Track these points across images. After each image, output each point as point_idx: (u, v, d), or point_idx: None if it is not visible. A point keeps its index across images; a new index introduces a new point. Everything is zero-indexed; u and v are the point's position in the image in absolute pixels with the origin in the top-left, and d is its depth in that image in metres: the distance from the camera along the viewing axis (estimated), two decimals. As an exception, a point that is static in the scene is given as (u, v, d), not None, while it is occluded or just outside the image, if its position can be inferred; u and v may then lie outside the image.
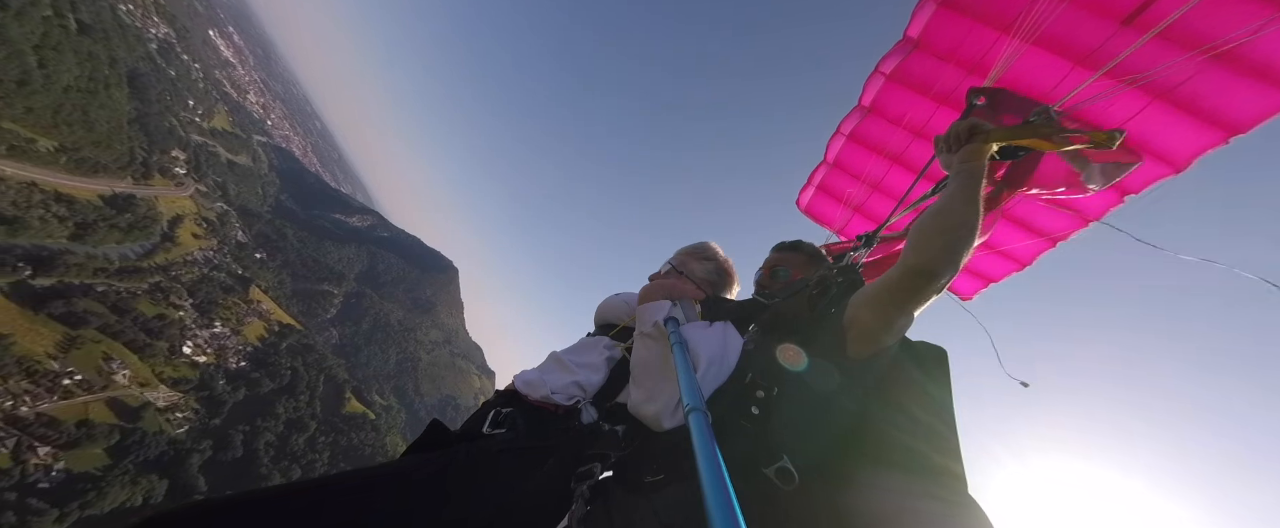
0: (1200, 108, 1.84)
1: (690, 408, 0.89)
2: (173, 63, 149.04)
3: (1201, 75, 1.75)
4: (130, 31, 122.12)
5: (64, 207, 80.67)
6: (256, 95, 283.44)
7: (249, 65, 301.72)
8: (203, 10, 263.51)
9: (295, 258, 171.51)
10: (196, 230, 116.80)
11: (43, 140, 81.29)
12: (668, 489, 1.21)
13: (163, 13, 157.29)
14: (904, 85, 2.56)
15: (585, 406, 1.60)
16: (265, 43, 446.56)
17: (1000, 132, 1.40)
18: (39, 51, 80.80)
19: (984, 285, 2.94)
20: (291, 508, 0.93)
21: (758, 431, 1.25)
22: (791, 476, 1.13)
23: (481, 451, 1.26)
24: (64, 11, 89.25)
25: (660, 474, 1.25)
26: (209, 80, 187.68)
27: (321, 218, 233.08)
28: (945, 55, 2.33)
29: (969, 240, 1.21)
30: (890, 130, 2.73)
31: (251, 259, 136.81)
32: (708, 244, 2.13)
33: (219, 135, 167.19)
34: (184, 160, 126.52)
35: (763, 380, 1.34)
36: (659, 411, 1.38)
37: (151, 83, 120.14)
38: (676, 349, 1.29)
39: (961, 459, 1.20)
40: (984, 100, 1.96)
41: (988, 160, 1.39)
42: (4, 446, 55.91)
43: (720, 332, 1.62)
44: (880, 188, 2.97)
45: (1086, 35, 1.92)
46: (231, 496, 0.89)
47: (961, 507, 1.07)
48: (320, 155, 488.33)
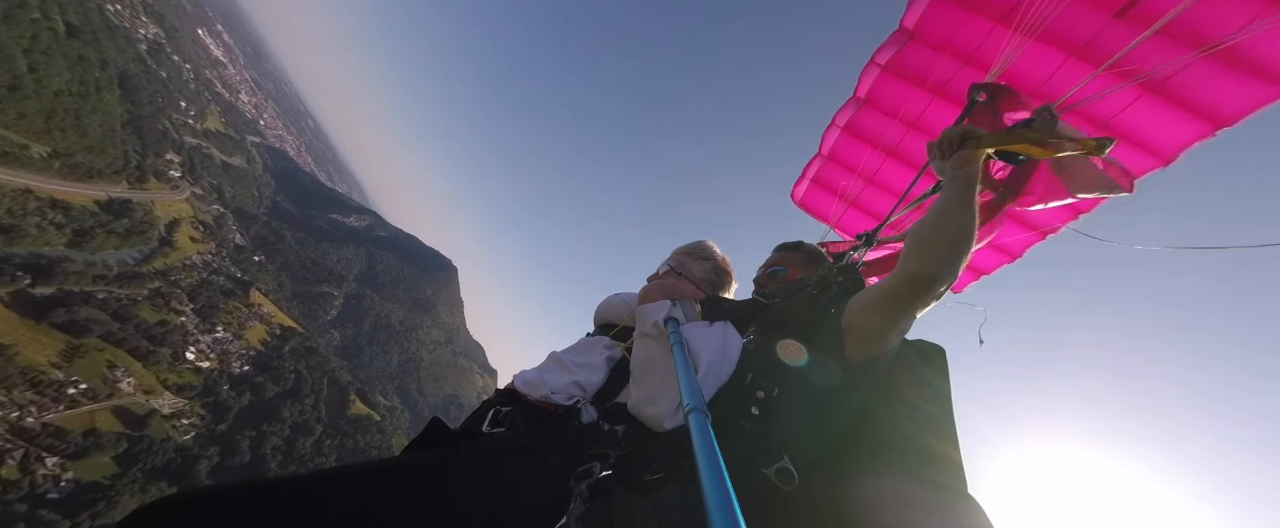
0: (1189, 101, 1.85)
1: (690, 408, 0.89)
2: (163, 64, 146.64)
3: (1191, 69, 1.76)
4: (119, 33, 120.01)
5: (60, 213, 79.52)
6: (248, 95, 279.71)
7: (239, 64, 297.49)
8: (191, 9, 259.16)
9: (294, 260, 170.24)
10: (194, 234, 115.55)
11: (36, 146, 79.87)
12: (667, 488, 1.21)
13: (150, 12, 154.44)
14: (899, 77, 2.53)
15: (585, 405, 1.59)
16: (255, 41, 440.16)
17: (992, 137, 1.39)
18: (29, 56, 79.22)
19: (975, 278, 2.94)
20: (294, 499, 0.93)
21: (758, 431, 1.25)
22: (791, 475, 1.13)
23: (481, 449, 1.26)
24: (52, 14, 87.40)
25: (660, 473, 1.24)
26: (200, 81, 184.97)
27: (318, 218, 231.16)
28: (941, 46, 2.31)
29: (967, 246, 1.21)
30: (886, 122, 2.70)
31: (250, 262, 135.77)
32: (705, 243, 2.13)
33: (212, 137, 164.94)
34: (178, 163, 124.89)
35: (763, 381, 1.34)
36: (660, 412, 1.37)
37: (143, 85, 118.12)
38: (676, 349, 1.30)
39: (961, 453, 1.20)
40: (985, 96, 1.92)
41: (982, 165, 1.38)
42: (11, 457, 55.48)
43: (720, 332, 1.61)
44: (875, 181, 2.94)
45: (1083, 28, 1.93)
46: (235, 484, 0.90)
47: (961, 497, 1.08)
48: (314, 154, 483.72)
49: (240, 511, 0.88)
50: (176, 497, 0.84)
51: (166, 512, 0.82)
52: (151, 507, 0.81)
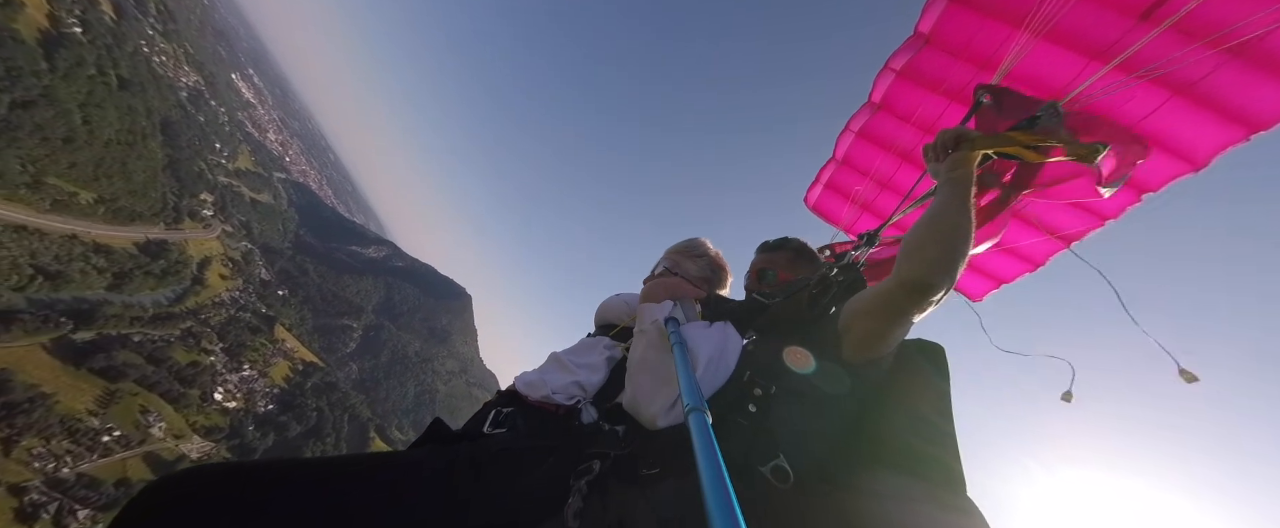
0: (1221, 104, 1.80)
1: (690, 408, 0.88)
2: (202, 109, 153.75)
3: (1222, 70, 1.72)
4: (164, 82, 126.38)
5: (103, 257, 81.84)
6: (275, 133, 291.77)
7: (268, 104, 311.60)
8: (226, 56, 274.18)
9: (315, 294, 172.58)
10: (223, 271, 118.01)
11: (84, 193, 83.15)
12: (664, 483, 1.19)
13: (192, 61, 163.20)
14: (914, 82, 2.54)
15: (585, 405, 1.59)
16: (282, 81, 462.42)
17: (985, 139, 1.38)
18: (83, 109, 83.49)
19: (995, 286, 2.87)
20: (296, 480, 0.93)
21: (754, 428, 1.24)
22: (787, 474, 1.12)
23: (482, 450, 1.26)
24: (107, 69, 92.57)
25: (656, 468, 1.23)
26: (232, 122, 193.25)
27: (339, 251, 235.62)
28: (957, 51, 2.31)
29: (963, 250, 1.19)
30: (900, 127, 2.71)
31: (275, 297, 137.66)
32: (698, 240, 2.15)
33: (243, 175, 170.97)
34: (211, 202, 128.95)
35: (760, 379, 1.33)
36: (654, 411, 1.37)
37: (182, 130, 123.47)
38: (676, 349, 1.30)
39: (960, 457, 1.18)
40: (990, 98, 1.89)
41: (976, 167, 1.36)
42: (46, 511, 55.03)
43: (720, 331, 1.61)
44: (889, 186, 2.93)
45: (1102, 29, 1.90)
46: (233, 464, 0.89)
47: (960, 512, 1.06)
48: (335, 187, 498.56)
49: (230, 488, 0.87)
50: (196, 470, 0.84)
51: (187, 483, 0.82)
52: (163, 482, 0.80)
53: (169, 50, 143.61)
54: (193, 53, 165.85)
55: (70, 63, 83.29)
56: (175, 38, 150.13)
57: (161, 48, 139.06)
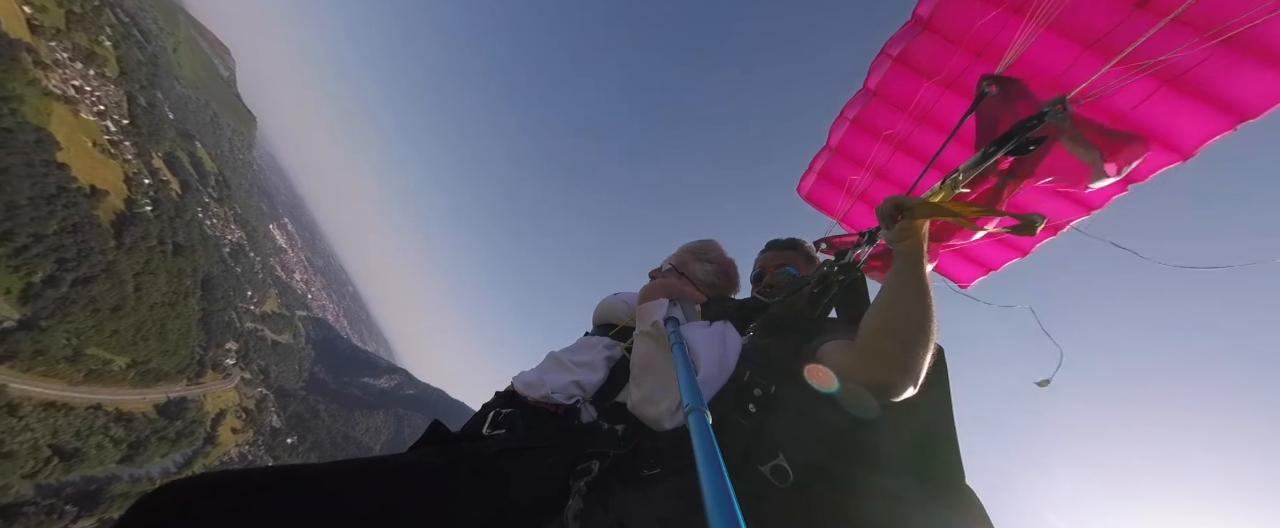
0: (1209, 93, 1.81)
1: (690, 408, 0.89)
2: (241, 262, 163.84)
3: (1211, 60, 1.72)
4: (211, 242, 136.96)
5: (122, 426, 79.09)
6: (301, 273, 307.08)
7: (298, 248, 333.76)
8: (267, 209, 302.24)
9: (325, 437, 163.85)
10: (236, 424, 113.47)
11: (118, 359, 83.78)
12: (664, 483, 1.19)
13: (238, 219, 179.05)
14: (911, 68, 2.52)
15: (584, 405, 1.59)
16: (311, 224, 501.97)
17: (925, 208, 1.35)
18: (138, 278, 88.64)
19: (983, 273, 2.85)
20: (294, 485, 0.93)
21: (754, 428, 1.25)
22: (786, 473, 1.13)
23: (482, 451, 1.26)
24: (165, 238, 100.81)
25: (656, 468, 1.23)
26: (265, 268, 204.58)
27: (351, 385, 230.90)
28: (955, 37, 2.31)
29: (921, 340, 1.13)
30: (895, 115, 2.67)
31: (283, 446, 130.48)
32: (711, 243, 2.12)
33: (267, 318, 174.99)
34: (235, 351, 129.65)
35: (760, 379, 1.33)
36: (660, 412, 1.37)
37: (220, 283, 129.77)
38: (676, 349, 1.29)
39: (960, 457, 1.19)
40: (995, 89, 1.89)
41: (926, 237, 1.33)
42: None
43: (720, 331, 1.62)
44: (884, 175, 2.90)
45: (1102, 18, 1.90)
46: (239, 471, 0.90)
47: (961, 512, 1.06)
48: (351, 317, 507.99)
49: (233, 493, 0.87)
50: (198, 478, 0.83)
51: (187, 493, 0.81)
52: (166, 489, 0.80)
53: (220, 213, 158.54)
54: (241, 213, 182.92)
55: (135, 238, 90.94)
56: (227, 202, 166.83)
57: (215, 212, 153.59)
